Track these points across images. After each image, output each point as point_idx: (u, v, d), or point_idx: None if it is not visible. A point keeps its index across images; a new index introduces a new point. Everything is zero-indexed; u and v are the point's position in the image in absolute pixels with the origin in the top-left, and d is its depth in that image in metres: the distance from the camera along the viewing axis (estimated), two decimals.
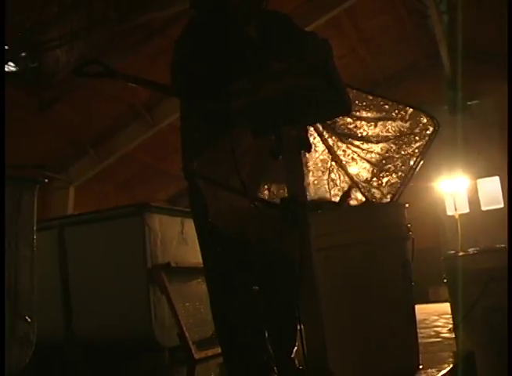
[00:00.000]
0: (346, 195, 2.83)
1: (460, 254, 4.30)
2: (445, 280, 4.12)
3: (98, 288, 4.93)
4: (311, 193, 2.74)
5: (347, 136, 2.95)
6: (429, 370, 2.92)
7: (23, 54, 9.99)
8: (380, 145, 2.97)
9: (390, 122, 2.97)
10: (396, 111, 2.98)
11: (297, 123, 2.14)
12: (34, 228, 3.56)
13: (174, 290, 4.84)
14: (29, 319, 3.43)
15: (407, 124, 2.97)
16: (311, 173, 2.84)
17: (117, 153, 12.24)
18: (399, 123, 2.97)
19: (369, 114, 2.95)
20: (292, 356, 2.75)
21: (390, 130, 2.96)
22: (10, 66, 10.00)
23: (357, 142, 2.95)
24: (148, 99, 11.69)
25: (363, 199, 2.87)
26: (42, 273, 3.81)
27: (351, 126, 2.94)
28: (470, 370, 2.98)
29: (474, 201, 15.30)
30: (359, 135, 2.95)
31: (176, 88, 2.61)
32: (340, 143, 2.92)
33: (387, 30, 13.60)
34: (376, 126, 2.96)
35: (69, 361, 4.93)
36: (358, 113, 2.93)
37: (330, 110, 2.30)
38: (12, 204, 3.43)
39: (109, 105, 11.39)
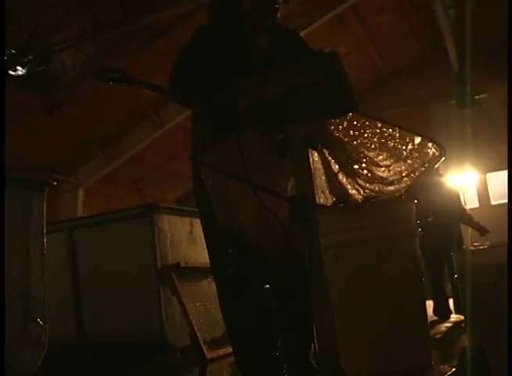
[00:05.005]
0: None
1: (471, 248, 4.28)
2: (456, 276, 4.10)
3: (108, 290, 4.95)
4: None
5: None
6: (441, 367, 2.91)
7: (30, 57, 10.04)
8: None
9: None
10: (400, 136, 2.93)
11: (304, 121, 2.14)
12: (44, 231, 3.57)
13: (185, 290, 4.85)
14: (41, 322, 3.44)
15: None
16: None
17: (126, 155, 12.27)
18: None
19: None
20: (308, 356, 2.73)
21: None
22: (17, 70, 10.05)
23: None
24: (155, 100, 11.71)
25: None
26: (53, 276, 3.83)
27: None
28: (481, 367, 2.97)
29: (483, 196, 15.24)
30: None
31: (180, 91, 2.64)
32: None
33: (393, 26, 13.54)
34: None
35: (81, 363, 4.94)
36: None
37: (337, 107, 2.29)
38: (22, 207, 3.45)
39: (117, 106, 11.41)
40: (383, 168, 2.81)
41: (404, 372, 2.49)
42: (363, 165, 2.79)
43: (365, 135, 2.76)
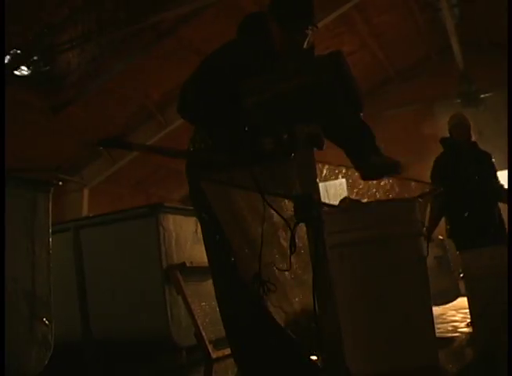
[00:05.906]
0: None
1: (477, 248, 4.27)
2: (461, 275, 4.10)
3: (114, 289, 4.96)
4: None
5: None
6: (447, 367, 2.90)
7: (35, 57, 10.07)
8: None
9: None
10: None
11: (309, 120, 2.14)
12: (50, 230, 3.58)
13: (190, 289, 4.85)
14: (47, 322, 3.45)
15: None
16: None
17: (131, 155, 12.28)
18: None
19: None
20: (312, 355, 2.73)
21: None
22: (22, 70, 10.08)
23: None
24: (160, 100, 11.73)
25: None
26: (59, 275, 3.83)
27: None
28: (488, 366, 2.97)
29: None
30: None
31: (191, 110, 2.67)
32: None
33: (398, 25, 13.51)
34: None
35: (87, 362, 4.95)
36: None
37: (342, 107, 2.29)
38: (28, 206, 3.46)
39: (122, 106, 11.43)
40: None
41: (409, 371, 2.49)
42: None
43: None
